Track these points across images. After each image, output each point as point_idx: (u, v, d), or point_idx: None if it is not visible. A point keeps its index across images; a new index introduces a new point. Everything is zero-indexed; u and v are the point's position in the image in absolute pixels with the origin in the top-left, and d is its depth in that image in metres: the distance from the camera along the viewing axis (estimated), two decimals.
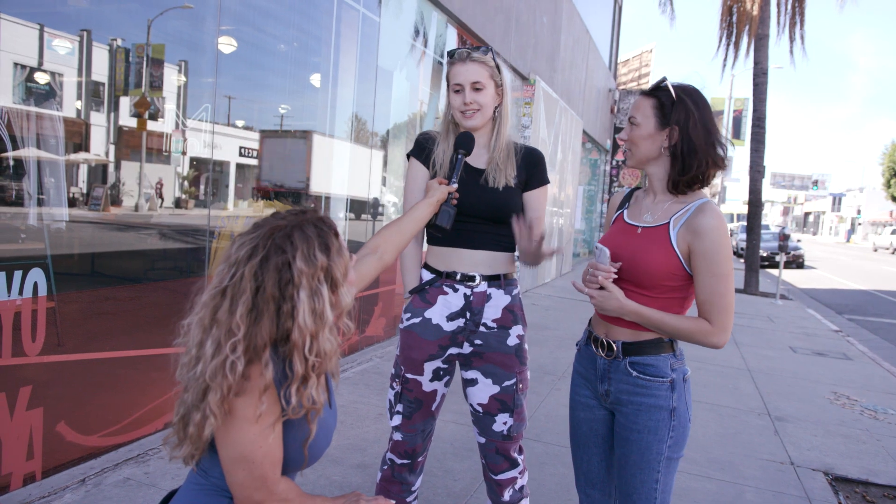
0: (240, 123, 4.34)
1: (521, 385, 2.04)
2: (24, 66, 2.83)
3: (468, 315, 2.00)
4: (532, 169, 2.07)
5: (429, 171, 2.07)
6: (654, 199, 1.78)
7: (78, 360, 2.91)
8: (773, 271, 15.94)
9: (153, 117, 3.52)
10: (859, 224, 58.22)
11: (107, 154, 3.36)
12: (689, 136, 1.66)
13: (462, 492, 3.01)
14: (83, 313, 3.04)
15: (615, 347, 1.75)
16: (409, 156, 2.15)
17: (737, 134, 21.72)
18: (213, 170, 3.93)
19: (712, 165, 1.69)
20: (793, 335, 8.11)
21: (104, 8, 3.28)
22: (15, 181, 2.76)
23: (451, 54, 2.02)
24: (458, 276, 2.00)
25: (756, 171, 12.69)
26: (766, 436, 4.13)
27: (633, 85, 21.44)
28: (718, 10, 15.04)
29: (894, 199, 46.97)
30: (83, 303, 3.06)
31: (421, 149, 2.11)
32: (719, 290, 1.63)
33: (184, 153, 3.75)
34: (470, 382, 2.05)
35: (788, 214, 78.05)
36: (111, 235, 3.44)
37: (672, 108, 1.68)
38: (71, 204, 3.03)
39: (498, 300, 2.01)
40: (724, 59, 15.16)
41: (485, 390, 2.02)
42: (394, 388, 2.09)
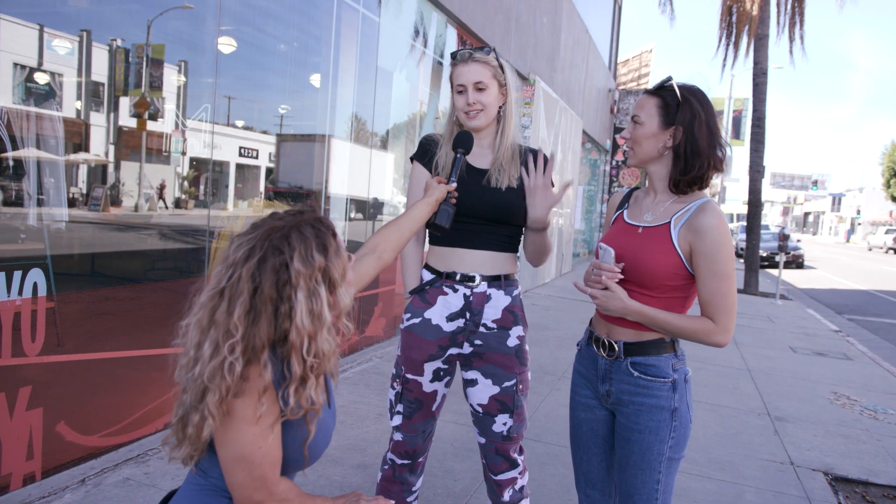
0: (240, 123, 4.33)
1: (522, 386, 2.03)
2: (23, 67, 2.83)
3: (468, 315, 2.00)
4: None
5: (431, 174, 2.07)
6: (655, 199, 1.77)
7: (78, 361, 2.91)
8: (773, 271, 15.94)
9: (153, 117, 3.52)
10: (859, 224, 58.21)
11: (106, 154, 3.36)
12: (694, 137, 1.66)
13: (462, 492, 3.01)
14: (83, 313, 3.04)
15: (616, 348, 1.74)
16: (412, 159, 2.15)
17: (737, 134, 21.72)
18: (212, 170, 3.93)
19: (713, 167, 1.69)
20: (793, 335, 8.11)
21: (104, 8, 3.28)
22: (15, 181, 2.76)
23: (454, 55, 2.01)
24: (458, 277, 2.00)
25: (756, 171, 12.69)
26: (766, 436, 4.13)
27: (633, 85, 21.44)
28: (718, 10, 15.06)
29: (894, 199, 46.99)
30: (83, 303, 3.06)
31: (424, 152, 2.10)
32: (721, 289, 1.63)
33: (183, 153, 3.75)
34: (470, 383, 2.05)
35: (788, 214, 78.06)
36: (111, 236, 3.44)
37: (677, 108, 1.68)
38: (71, 204, 3.03)
39: (498, 301, 2.01)
40: (724, 59, 15.17)
41: (485, 391, 2.02)
42: (394, 388, 2.09)
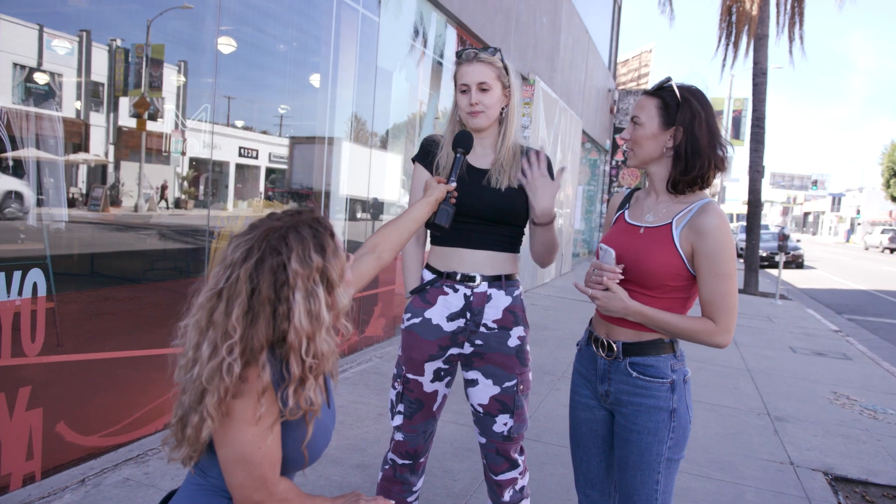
0: (239, 124, 4.33)
1: (522, 386, 2.03)
2: (23, 67, 2.83)
3: (468, 315, 2.00)
4: None
5: (433, 175, 2.07)
6: (657, 200, 1.77)
7: (77, 361, 2.91)
8: (773, 271, 15.94)
9: (152, 117, 3.52)
10: (859, 224, 58.22)
11: (106, 154, 3.36)
12: (695, 137, 1.66)
13: (462, 492, 3.01)
14: (83, 313, 3.04)
15: (615, 348, 1.74)
16: (413, 160, 2.14)
17: (736, 134, 21.72)
18: (212, 170, 3.93)
19: (713, 167, 1.69)
20: (792, 335, 8.11)
21: (104, 8, 3.28)
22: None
23: (459, 54, 2.01)
24: (459, 277, 2.00)
25: (755, 171, 12.69)
26: (765, 436, 4.13)
27: (633, 85, 21.44)
28: (718, 10, 15.07)
29: (894, 199, 47.00)
30: (83, 303, 3.06)
31: (425, 153, 2.10)
32: (722, 290, 1.63)
33: (183, 153, 3.75)
34: (471, 383, 2.05)
35: (788, 214, 78.08)
36: (111, 236, 3.44)
37: (677, 108, 1.68)
38: (70, 204, 3.03)
39: (498, 301, 2.01)
40: (724, 59, 15.18)
41: (485, 391, 2.02)
42: (395, 388, 2.09)
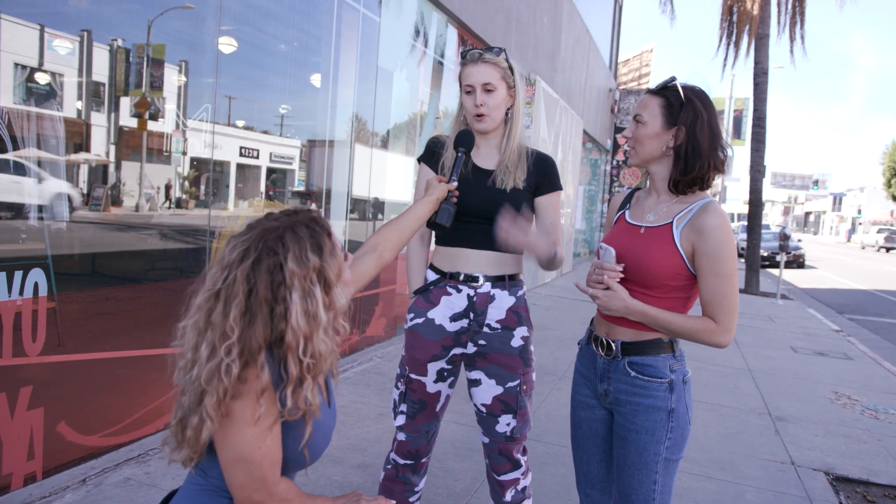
0: (240, 123, 4.34)
1: (525, 387, 2.03)
2: (24, 67, 2.83)
3: (472, 316, 2.00)
4: (543, 175, 2.05)
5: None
6: (658, 199, 1.77)
7: (78, 361, 2.91)
8: (774, 271, 15.93)
9: (153, 117, 3.52)
10: (860, 224, 58.15)
11: (107, 154, 3.36)
12: (696, 138, 1.66)
13: (462, 492, 3.01)
14: (84, 313, 3.04)
15: (614, 347, 1.74)
16: (419, 160, 2.15)
17: (737, 134, 21.70)
18: (213, 170, 3.93)
19: (713, 168, 1.69)
20: (793, 335, 8.11)
21: (104, 8, 3.28)
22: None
23: (464, 55, 2.01)
24: (462, 277, 2.00)
25: (756, 171, 12.68)
26: (766, 436, 4.12)
27: (634, 85, 21.43)
28: (718, 10, 15.06)
29: (895, 198, 46.95)
30: (84, 303, 3.06)
31: (431, 153, 2.10)
32: (723, 289, 1.63)
33: (184, 153, 3.75)
34: (474, 383, 2.05)
35: (789, 214, 77.99)
36: (112, 236, 3.44)
37: (680, 108, 1.68)
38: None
39: (502, 301, 2.01)
40: (725, 59, 15.17)
41: (488, 391, 2.02)
42: (398, 388, 2.09)
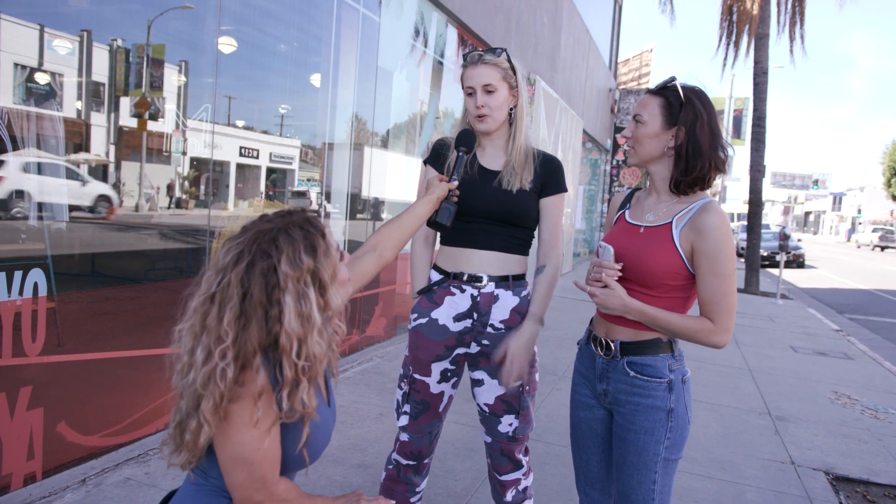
0: (240, 123, 4.34)
1: (528, 387, 2.03)
2: (24, 67, 2.83)
3: (475, 316, 2.00)
4: (549, 176, 2.05)
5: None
6: (658, 199, 1.77)
7: (78, 361, 2.91)
8: (774, 271, 15.93)
9: (153, 117, 3.52)
10: (860, 223, 58.15)
11: (107, 154, 3.36)
12: (696, 137, 1.66)
13: (463, 492, 3.01)
14: (83, 313, 3.04)
15: (613, 347, 1.74)
16: (425, 162, 2.15)
17: (737, 133, 21.69)
18: (213, 170, 3.93)
19: (714, 168, 1.69)
20: (793, 335, 8.11)
21: (104, 8, 3.28)
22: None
23: (465, 57, 2.02)
24: (465, 277, 2.00)
25: (756, 171, 12.68)
26: (766, 435, 4.12)
27: (634, 85, 21.43)
28: (718, 10, 15.06)
29: (895, 198, 46.94)
30: (83, 303, 3.06)
31: (436, 155, 2.10)
32: (722, 289, 1.63)
33: (184, 153, 3.75)
34: (477, 383, 2.06)
35: (789, 214, 77.98)
36: (111, 236, 3.44)
37: (680, 108, 1.68)
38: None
39: (506, 301, 2.01)
40: (724, 59, 15.17)
41: (491, 391, 2.02)
42: (402, 389, 2.09)
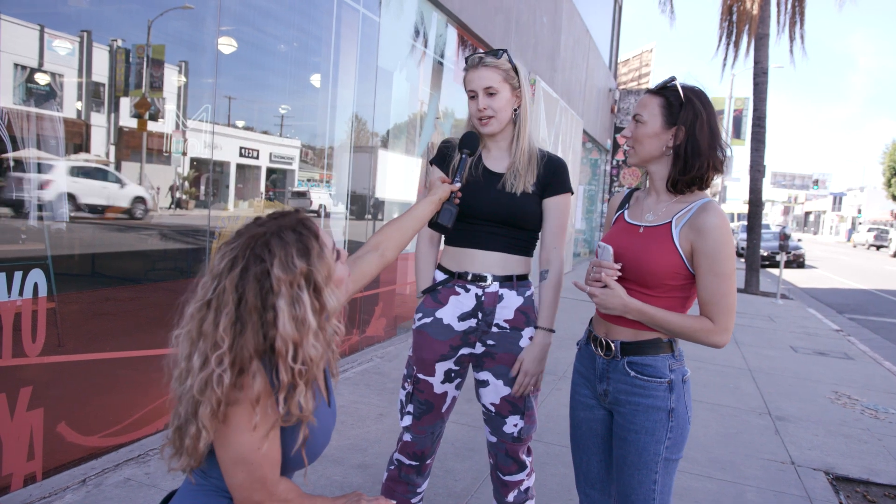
0: (240, 124, 4.33)
1: (533, 387, 2.03)
2: (24, 67, 2.83)
3: (480, 315, 2.00)
4: (552, 177, 2.04)
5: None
6: (657, 199, 1.77)
7: (78, 361, 2.91)
8: (774, 271, 15.93)
9: (153, 118, 3.52)
10: (860, 223, 58.14)
11: (107, 155, 3.36)
12: (695, 137, 1.66)
13: (463, 492, 3.01)
14: (83, 314, 3.04)
15: (613, 347, 1.75)
16: (431, 163, 2.15)
17: (737, 133, 21.70)
18: (213, 170, 3.93)
19: (712, 168, 1.69)
20: (794, 335, 8.10)
21: (104, 8, 3.28)
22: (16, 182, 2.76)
23: (466, 61, 2.01)
24: (470, 277, 2.00)
25: (756, 171, 12.68)
26: (766, 435, 4.12)
27: (634, 85, 21.43)
28: (718, 10, 15.06)
29: (895, 198, 46.94)
30: (83, 303, 3.06)
31: (442, 156, 2.10)
32: (721, 289, 1.63)
33: (184, 154, 3.75)
34: (482, 383, 2.06)
35: (789, 214, 77.97)
36: (111, 236, 3.45)
37: (680, 108, 1.68)
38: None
39: (510, 301, 2.01)
40: (724, 59, 15.17)
41: (496, 391, 2.02)
42: (405, 389, 2.09)
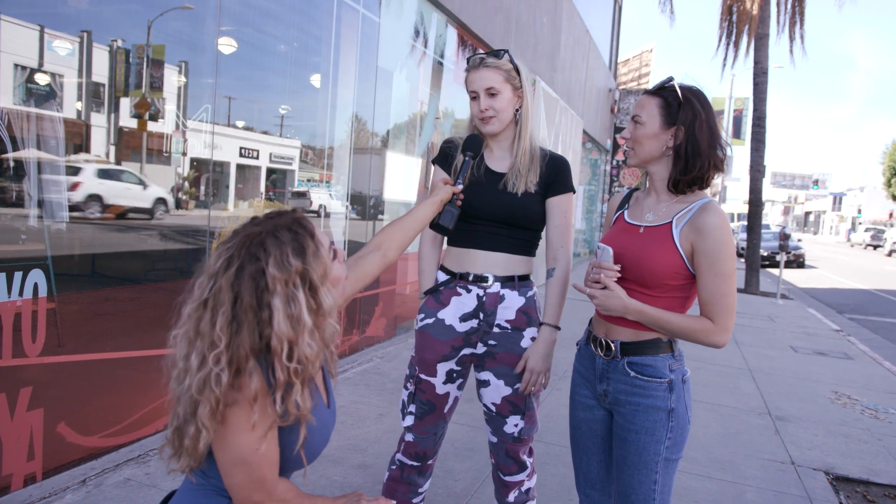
0: (240, 124, 4.34)
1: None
2: (24, 67, 2.83)
3: (481, 316, 2.00)
4: (555, 176, 2.04)
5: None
6: (657, 199, 1.77)
7: (78, 361, 2.91)
8: (774, 271, 15.93)
9: (153, 118, 3.52)
10: (860, 223, 58.13)
11: (107, 155, 3.36)
12: (695, 137, 1.66)
13: (463, 492, 3.01)
14: (83, 314, 3.05)
15: (613, 347, 1.75)
16: (433, 162, 2.15)
17: (737, 133, 21.71)
18: (213, 170, 3.93)
19: (713, 167, 1.69)
20: (793, 335, 8.11)
21: (104, 9, 3.28)
22: (15, 182, 2.76)
23: (468, 61, 2.01)
24: (471, 277, 2.00)
25: (756, 171, 12.68)
26: (766, 435, 4.12)
27: (634, 85, 21.44)
28: (718, 10, 15.07)
29: (895, 198, 46.95)
30: (83, 304, 3.06)
31: (445, 156, 2.10)
32: (722, 289, 1.63)
33: (184, 154, 3.75)
34: (483, 384, 2.06)
35: (789, 214, 77.97)
36: (111, 236, 3.45)
37: (678, 108, 1.68)
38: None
39: (511, 301, 2.01)
40: (724, 59, 15.18)
41: (498, 391, 2.02)
42: (408, 389, 2.09)
